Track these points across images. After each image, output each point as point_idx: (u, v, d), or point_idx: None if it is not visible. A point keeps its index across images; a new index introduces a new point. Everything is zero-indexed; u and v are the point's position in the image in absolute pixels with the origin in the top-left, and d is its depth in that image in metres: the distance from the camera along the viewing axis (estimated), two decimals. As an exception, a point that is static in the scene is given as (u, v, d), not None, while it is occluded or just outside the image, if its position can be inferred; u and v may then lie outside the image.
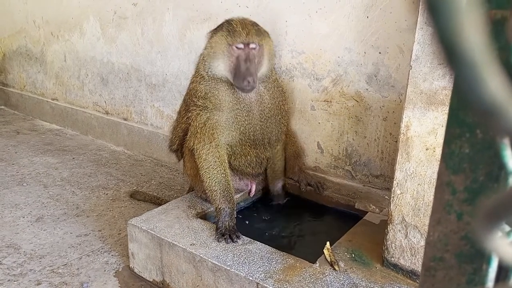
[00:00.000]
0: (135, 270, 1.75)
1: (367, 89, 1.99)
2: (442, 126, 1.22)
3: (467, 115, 0.34)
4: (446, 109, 1.20)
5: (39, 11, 3.86)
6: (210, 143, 1.69)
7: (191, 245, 1.53)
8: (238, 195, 1.93)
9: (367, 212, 1.82)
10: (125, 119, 3.31)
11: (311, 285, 1.31)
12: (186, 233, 1.61)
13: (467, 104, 0.23)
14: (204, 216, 1.79)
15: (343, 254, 1.49)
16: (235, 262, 1.42)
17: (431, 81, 1.22)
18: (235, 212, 1.70)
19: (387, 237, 1.40)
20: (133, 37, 3.05)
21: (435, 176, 1.23)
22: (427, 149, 1.26)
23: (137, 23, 2.99)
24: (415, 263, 1.35)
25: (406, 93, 1.28)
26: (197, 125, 1.71)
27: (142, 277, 1.73)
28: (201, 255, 1.46)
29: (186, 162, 1.90)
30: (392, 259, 1.40)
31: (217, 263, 1.42)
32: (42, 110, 4.12)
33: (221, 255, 1.46)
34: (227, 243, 1.54)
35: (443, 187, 0.37)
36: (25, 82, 4.32)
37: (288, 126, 2.03)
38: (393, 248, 1.39)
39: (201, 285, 1.49)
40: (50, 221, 2.19)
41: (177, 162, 2.16)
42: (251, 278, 1.34)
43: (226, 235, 1.57)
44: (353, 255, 1.48)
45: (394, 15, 1.84)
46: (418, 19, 1.22)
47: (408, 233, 1.35)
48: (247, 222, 1.86)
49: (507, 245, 0.28)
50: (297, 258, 1.45)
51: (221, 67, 1.69)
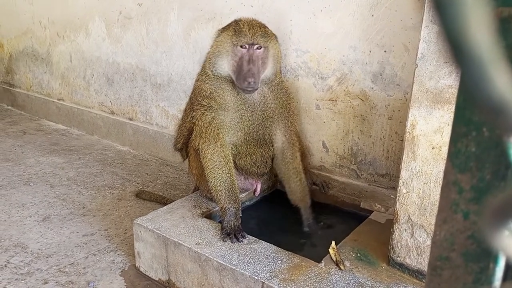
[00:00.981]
0: (141, 269, 1.76)
1: (372, 87, 1.98)
2: (448, 125, 1.22)
3: (473, 113, 0.34)
4: (452, 107, 1.20)
5: (45, 12, 3.88)
6: (215, 143, 1.69)
7: (196, 244, 1.53)
8: (243, 195, 1.93)
9: (373, 211, 1.82)
10: (130, 119, 3.32)
11: (316, 284, 1.31)
12: (191, 232, 1.61)
13: (473, 103, 0.23)
14: (209, 216, 1.79)
15: (348, 253, 1.48)
16: (240, 261, 1.42)
17: (437, 80, 1.21)
18: (240, 212, 1.69)
19: (393, 237, 1.40)
20: (138, 37, 3.06)
21: (441, 175, 1.23)
22: (433, 148, 1.26)
23: (142, 23, 3.00)
24: (421, 262, 1.35)
25: (411, 92, 1.28)
26: (202, 124, 1.71)
27: (148, 276, 1.74)
28: (206, 255, 1.47)
29: (191, 161, 1.90)
30: (398, 258, 1.39)
31: (223, 263, 1.42)
32: (48, 110, 4.14)
33: (226, 255, 1.46)
34: (232, 242, 1.54)
35: (450, 186, 0.36)
36: (31, 83, 4.35)
37: (296, 127, 1.98)
38: (399, 248, 1.38)
39: (206, 284, 1.49)
40: (56, 221, 2.21)
41: (182, 162, 2.16)
42: (256, 278, 1.34)
43: (231, 234, 1.57)
44: (358, 255, 1.48)
45: (399, 13, 1.83)
46: (424, 17, 1.21)
47: (414, 232, 1.34)
48: (252, 222, 1.86)
49: (515, 244, 0.27)
50: (302, 258, 1.45)
51: (225, 66, 1.70)
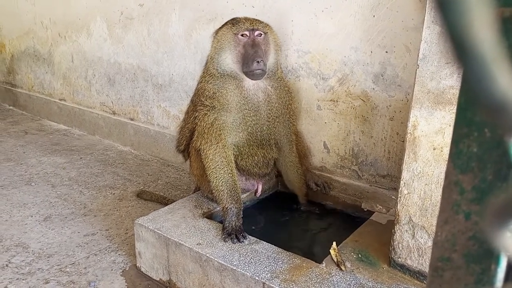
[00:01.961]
0: (142, 269, 1.76)
1: (373, 88, 1.98)
2: (450, 126, 1.22)
3: (475, 114, 0.34)
4: (453, 108, 1.19)
5: (47, 12, 3.89)
6: (217, 143, 1.70)
7: (197, 244, 1.53)
8: (245, 195, 1.93)
9: (374, 212, 1.81)
10: (131, 119, 3.33)
11: (317, 285, 1.31)
12: (192, 232, 1.61)
13: (475, 103, 0.23)
14: (210, 216, 1.79)
15: (349, 254, 1.48)
16: (241, 261, 1.42)
17: (438, 80, 1.21)
18: (241, 212, 1.70)
19: (394, 238, 1.39)
20: (139, 37, 3.07)
21: (442, 176, 1.23)
22: (434, 149, 1.26)
23: (143, 23, 3.00)
24: (422, 263, 1.35)
25: (413, 93, 1.28)
26: (204, 125, 1.72)
27: (149, 276, 1.74)
28: (207, 255, 1.47)
29: (192, 162, 1.90)
30: (399, 259, 1.39)
31: (224, 263, 1.42)
32: (50, 111, 4.15)
33: (227, 255, 1.46)
34: (233, 243, 1.54)
35: (451, 186, 0.36)
36: (33, 83, 4.36)
37: (295, 126, 2.01)
38: (400, 249, 1.38)
39: (207, 284, 1.49)
40: (58, 221, 2.21)
41: (183, 162, 2.17)
42: (257, 278, 1.34)
43: (232, 235, 1.57)
44: (359, 256, 1.48)
45: (400, 13, 1.83)
46: (425, 17, 1.21)
47: (415, 233, 1.34)
48: (254, 222, 1.86)
49: (516, 245, 0.27)
50: (303, 258, 1.45)
51: (229, 59, 1.71)
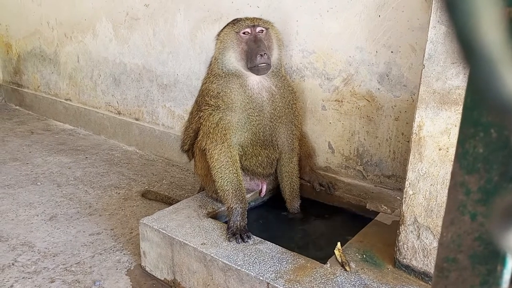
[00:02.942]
0: (147, 269, 1.77)
1: (378, 88, 1.97)
2: (456, 126, 1.21)
3: (481, 114, 0.33)
4: (459, 108, 1.19)
5: (53, 13, 3.91)
6: (223, 143, 1.70)
7: (202, 244, 1.53)
8: (249, 195, 1.93)
9: (379, 212, 1.81)
10: (137, 119, 3.34)
11: (322, 285, 1.31)
12: (197, 232, 1.62)
13: (482, 103, 0.23)
14: (215, 216, 1.80)
15: (354, 254, 1.48)
16: (245, 261, 1.42)
17: (444, 80, 1.20)
18: (246, 212, 1.70)
19: (399, 238, 1.39)
20: (145, 37, 3.08)
21: (448, 176, 1.22)
22: (440, 149, 1.25)
23: (149, 24, 3.01)
24: (427, 264, 1.34)
25: (418, 93, 1.27)
26: (209, 125, 1.72)
27: (154, 275, 1.74)
28: (212, 255, 1.47)
29: (197, 162, 1.91)
30: (404, 260, 1.38)
31: (228, 263, 1.42)
32: (55, 110, 4.18)
33: (231, 255, 1.46)
34: (238, 243, 1.55)
35: (457, 187, 0.36)
36: (39, 83, 4.39)
37: (300, 129, 2.00)
38: (405, 249, 1.38)
39: (211, 284, 1.50)
40: (63, 220, 2.22)
41: (188, 162, 2.17)
42: (261, 278, 1.34)
43: (237, 234, 1.57)
44: (364, 256, 1.47)
45: (406, 13, 1.82)
46: (431, 17, 1.20)
47: (421, 234, 1.33)
48: (260, 222, 1.86)
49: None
50: (307, 259, 1.45)
51: (233, 57, 1.72)
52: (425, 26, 1.61)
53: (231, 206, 1.68)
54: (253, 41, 1.69)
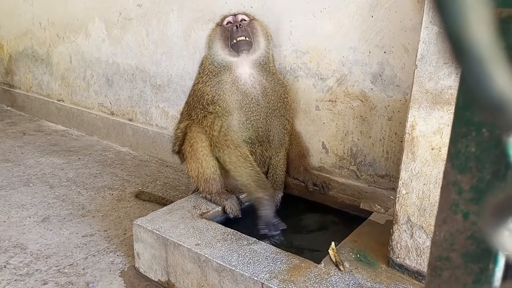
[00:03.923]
0: (141, 270, 1.76)
1: (372, 88, 1.98)
2: (448, 126, 1.22)
3: (473, 114, 0.34)
4: (451, 108, 1.20)
5: (45, 13, 3.88)
6: (228, 147, 1.77)
7: (196, 245, 1.53)
8: (243, 195, 1.94)
9: (372, 212, 1.82)
10: (130, 120, 3.32)
11: (316, 285, 1.31)
12: (191, 233, 1.61)
13: (473, 103, 0.23)
14: (209, 216, 1.79)
15: (348, 254, 1.48)
16: (240, 262, 1.42)
17: (436, 81, 1.21)
18: (273, 199, 1.77)
19: (393, 238, 1.40)
20: (138, 38, 3.06)
21: (440, 176, 1.23)
22: (432, 149, 1.26)
23: (142, 24, 3.00)
24: (420, 263, 1.35)
25: (411, 93, 1.28)
26: (213, 133, 1.78)
27: (148, 277, 1.74)
28: (206, 255, 1.47)
29: (187, 163, 1.90)
30: (398, 259, 1.39)
31: (222, 263, 1.42)
32: (48, 111, 4.14)
33: (226, 255, 1.46)
34: (270, 232, 1.64)
35: (449, 186, 0.36)
36: (31, 83, 4.35)
37: (292, 124, 2.06)
38: (399, 249, 1.38)
39: (206, 285, 1.49)
40: (56, 221, 2.21)
41: (181, 163, 2.16)
42: (256, 278, 1.34)
43: (269, 225, 1.67)
44: (358, 256, 1.48)
45: (399, 14, 1.83)
46: (423, 18, 1.21)
47: (414, 233, 1.34)
48: (254, 222, 1.86)
49: (514, 244, 0.27)
50: (302, 258, 1.45)
51: (218, 46, 1.80)
52: (417, 26, 1.62)
53: (257, 196, 1.73)
54: (235, 26, 1.76)
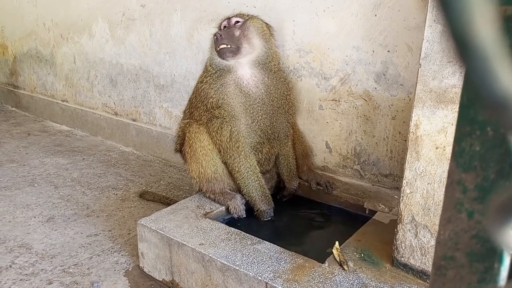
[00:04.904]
0: (145, 270, 1.77)
1: (375, 88, 1.98)
2: (452, 125, 1.21)
3: (477, 112, 0.34)
4: (456, 107, 1.19)
5: (49, 13, 3.90)
6: (239, 155, 1.81)
7: (200, 245, 1.53)
8: (247, 195, 1.94)
9: (376, 211, 1.81)
10: (134, 120, 3.33)
11: (320, 285, 1.31)
12: (195, 232, 1.62)
13: (478, 100, 0.23)
14: (212, 216, 1.79)
15: (352, 254, 1.48)
16: (244, 261, 1.42)
17: (440, 79, 1.21)
18: (272, 210, 1.89)
19: (397, 237, 1.39)
20: (141, 38, 3.07)
21: (445, 175, 1.22)
22: (437, 148, 1.25)
23: (145, 24, 3.01)
24: (425, 262, 1.34)
25: (415, 92, 1.27)
26: (222, 139, 1.79)
27: (152, 276, 1.74)
28: (210, 255, 1.47)
29: (188, 164, 1.91)
30: (402, 259, 1.39)
31: (226, 263, 1.42)
32: (52, 112, 4.16)
33: (230, 255, 1.46)
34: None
35: (454, 185, 0.36)
36: (35, 84, 4.37)
37: (294, 118, 2.10)
38: (403, 248, 1.38)
39: (210, 284, 1.50)
40: (61, 221, 2.22)
41: (185, 163, 2.17)
42: (260, 278, 1.34)
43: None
44: (362, 255, 1.48)
45: (402, 13, 1.83)
46: (427, 16, 1.21)
47: (418, 232, 1.34)
48: (256, 222, 1.86)
49: (520, 243, 0.27)
50: (306, 258, 1.45)
51: (214, 51, 1.80)
52: (421, 25, 1.61)
53: (260, 209, 1.85)
54: (218, 34, 1.75)
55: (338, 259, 1.44)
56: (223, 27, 1.80)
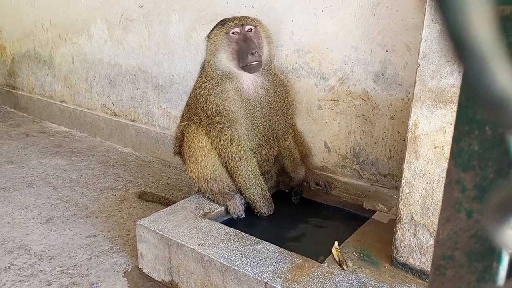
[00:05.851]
0: (144, 271, 1.76)
1: (374, 87, 1.98)
2: (451, 124, 1.21)
3: (476, 112, 0.34)
4: (454, 107, 1.19)
5: (47, 14, 3.90)
6: (241, 159, 1.82)
7: (199, 245, 1.53)
8: (246, 195, 1.94)
9: (376, 211, 1.81)
10: (132, 121, 3.33)
11: (319, 284, 1.31)
12: (194, 233, 1.61)
13: (476, 101, 0.23)
14: (212, 217, 1.79)
15: (351, 253, 1.48)
16: (243, 262, 1.42)
17: (439, 79, 1.21)
18: (272, 211, 1.91)
19: (396, 236, 1.39)
20: (140, 39, 3.07)
21: (443, 174, 1.22)
22: (435, 148, 1.26)
23: (143, 25, 3.01)
24: (424, 262, 1.35)
25: (413, 91, 1.27)
26: (223, 144, 1.80)
27: (151, 277, 1.74)
28: (209, 255, 1.47)
29: (187, 165, 1.91)
30: (401, 258, 1.39)
31: (225, 263, 1.42)
32: (51, 113, 4.16)
33: (229, 255, 1.46)
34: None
35: (452, 185, 0.36)
36: (34, 85, 4.37)
37: (293, 119, 2.12)
38: (402, 247, 1.38)
39: (209, 285, 1.49)
40: (59, 222, 2.21)
41: (184, 164, 2.17)
42: (259, 278, 1.34)
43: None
44: (361, 255, 1.48)
45: (400, 12, 1.83)
46: (425, 16, 1.21)
47: (417, 232, 1.34)
48: (255, 222, 1.86)
49: (518, 242, 0.27)
50: (305, 258, 1.45)
51: (224, 58, 1.77)
52: (419, 25, 1.61)
53: (261, 211, 1.87)
54: (243, 40, 1.73)
55: (337, 259, 1.44)
56: (233, 33, 1.75)
